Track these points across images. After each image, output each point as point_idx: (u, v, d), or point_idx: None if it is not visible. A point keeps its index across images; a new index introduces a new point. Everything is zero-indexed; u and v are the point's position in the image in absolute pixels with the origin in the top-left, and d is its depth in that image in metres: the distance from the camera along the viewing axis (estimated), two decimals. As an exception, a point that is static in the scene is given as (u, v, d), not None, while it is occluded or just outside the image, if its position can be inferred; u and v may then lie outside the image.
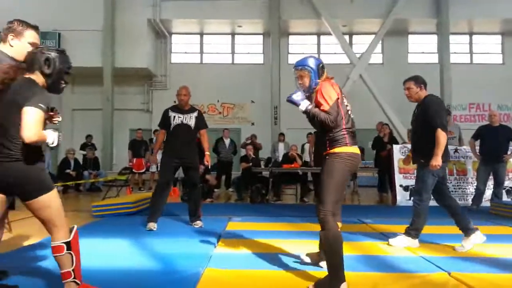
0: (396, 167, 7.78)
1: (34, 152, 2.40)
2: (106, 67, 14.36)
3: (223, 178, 10.84)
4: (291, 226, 5.28)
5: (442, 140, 4.04)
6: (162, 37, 16.08)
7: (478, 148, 7.30)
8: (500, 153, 6.92)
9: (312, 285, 2.84)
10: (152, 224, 4.99)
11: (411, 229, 4.23)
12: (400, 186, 7.70)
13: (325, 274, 3.10)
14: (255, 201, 8.03)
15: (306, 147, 10.52)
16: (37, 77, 2.49)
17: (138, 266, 3.34)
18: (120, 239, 4.34)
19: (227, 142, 10.89)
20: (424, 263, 3.52)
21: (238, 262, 3.47)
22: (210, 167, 7.27)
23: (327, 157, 3.01)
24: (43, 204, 2.39)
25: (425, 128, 4.13)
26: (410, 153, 4.48)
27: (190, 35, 16.60)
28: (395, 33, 15.61)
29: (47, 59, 2.50)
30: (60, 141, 2.52)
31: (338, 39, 14.97)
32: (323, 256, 3.21)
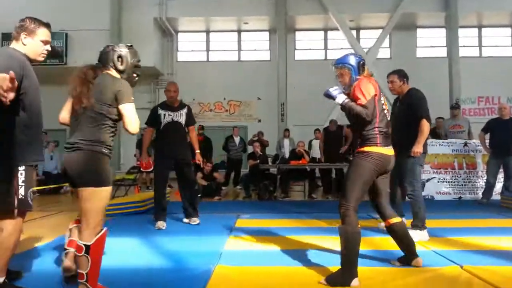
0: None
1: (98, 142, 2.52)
2: (113, 67, 14.40)
3: (232, 175, 10.86)
4: (299, 223, 5.28)
5: (426, 129, 4.24)
6: (168, 35, 16.08)
7: (488, 141, 7.26)
8: (510, 146, 6.83)
9: (324, 279, 2.86)
10: (161, 223, 5.00)
11: (417, 221, 4.29)
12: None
13: (333, 270, 3.10)
14: (263, 198, 8.03)
15: (314, 143, 10.47)
16: (112, 73, 2.68)
17: (148, 265, 3.35)
18: (130, 238, 4.36)
19: (237, 140, 10.88)
20: (435, 257, 3.50)
21: (248, 259, 3.47)
22: (202, 165, 7.06)
23: (356, 154, 3.04)
24: (87, 196, 2.46)
25: (413, 120, 4.26)
26: None
27: (196, 33, 16.58)
28: (403, 27, 15.45)
29: (119, 56, 2.68)
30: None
31: (346, 34, 14.86)
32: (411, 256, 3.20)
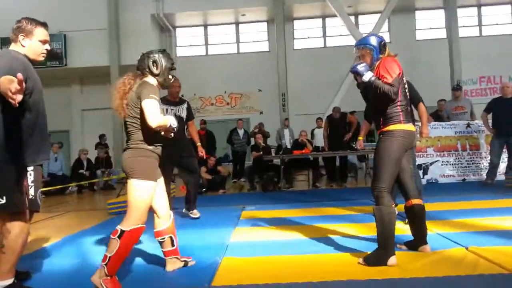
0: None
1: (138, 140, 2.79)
2: (113, 65, 14.36)
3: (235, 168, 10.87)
4: (305, 212, 5.29)
5: None
6: (167, 31, 16.03)
7: (490, 121, 7.19)
8: (513, 125, 6.79)
9: (362, 258, 2.91)
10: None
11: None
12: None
13: (339, 257, 3.12)
14: (267, 189, 8.05)
15: (316, 132, 10.45)
16: (149, 78, 2.86)
17: (156, 259, 3.38)
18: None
19: (241, 132, 10.87)
20: (441, 239, 3.51)
21: (254, 249, 3.49)
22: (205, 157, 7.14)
23: (381, 135, 3.05)
24: (128, 186, 2.72)
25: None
26: (361, 136, 4.86)
27: (194, 28, 16.53)
28: (402, 10, 15.29)
29: (154, 62, 2.87)
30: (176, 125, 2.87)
31: (344, 21, 14.70)
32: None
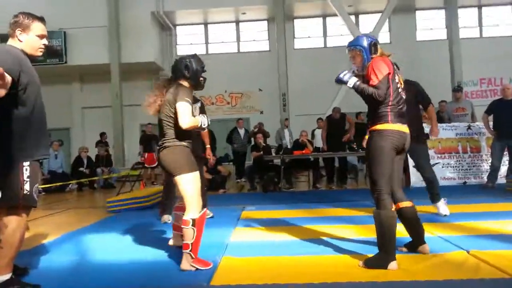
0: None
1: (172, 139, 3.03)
2: (113, 63, 14.34)
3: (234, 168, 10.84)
4: (305, 213, 5.27)
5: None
6: (167, 29, 16.00)
7: (491, 123, 7.16)
8: (515, 127, 6.76)
9: (361, 262, 2.88)
10: (166, 217, 5.02)
11: (438, 196, 4.72)
12: (414, 167, 7.57)
13: (340, 258, 3.10)
14: (268, 189, 8.03)
15: (317, 133, 10.42)
16: (182, 81, 3.12)
17: (155, 258, 3.37)
18: (136, 233, 4.37)
19: (242, 132, 10.80)
20: (442, 242, 3.49)
21: (254, 249, 3.48)
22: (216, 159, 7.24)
23: (370, 135, 3.03)
24: (177, 182, 3.00)
25: (415, 107, 4.67)
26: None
27: (195, 26, 16.50)
28: (402, 10, 15.27)
29: (185, 66, 3.11)
30: (209, 121, 3.17)
31: (344, 20, 14.68)
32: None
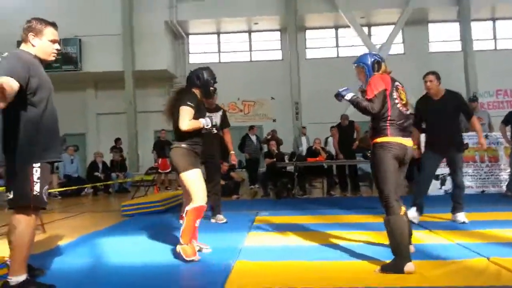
0: (424, 157, 7.56)
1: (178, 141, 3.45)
2: (127, 71, 14.53)
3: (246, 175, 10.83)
4: (319, 219, 5.23)
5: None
6: (180, 38, 16.18)
7: (509, 134, 7.12)
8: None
9: (378, 268, 2.91)
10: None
11: (463, 205, 4.78)
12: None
13: (355, 264, 3.12)
14: (281, 196, 8.00)
15: (330, 141, 10.40)
16: (194, 89, 3.53)
17: (169, 261, 3.37)
18: (150, 236, 4.38)
19: (254, 139, 10.80)
20: (461, 249, 3.43)
21: (267, 254, 3.46)
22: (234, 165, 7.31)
23: (372, 148, 3.18)
24: (182, 179, 3.37)
25: (456, 116, 4.78)
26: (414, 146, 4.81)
27: (207, 35, 16.67)
28: (415, 22, 15.27)
29: (198, 76, 3.52)
30: (215, 122, 3.48)
31: (357, 31, 14.74)
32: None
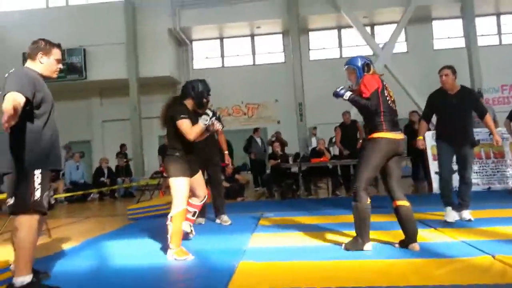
0: (429, 154, 7.53)
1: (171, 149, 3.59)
2: (131, 78, 14.64)
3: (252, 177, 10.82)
4: (324, 219, 5.20)
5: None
6: (183, 44, 16.27)
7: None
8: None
9: (343, 245, 3.40)
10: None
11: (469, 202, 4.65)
12: (436, 173, 7.40)
13: (359, 263, 3.11)
14: (286, 197, 8.00)
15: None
16: (188, 100, 3.64)
17: (173, 263, 3.38)
18: (155, 239, 4.38)
19: (259, 141, 10.82)
20: (466, 247, 3.39)
21: (272, 255, 3.45)
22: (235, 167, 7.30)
23: (367, 142, 3.44)
24: (170, 184, 3.52)
25: (470, 112, 4.67)
26: (420, 136, 4.97)
27: (210, 41, 16.74)
28: (418, 20, 15.19)
29: (192, 87, 3.63)
30: (212, 120, 3.54)
31: (360, 31, 14.70)
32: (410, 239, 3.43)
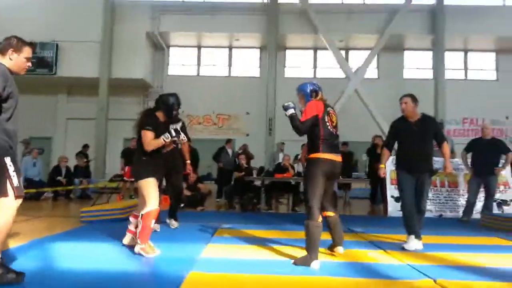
0: (388, 179, 7.73)
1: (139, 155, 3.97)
2: (102, 78, 14.39)
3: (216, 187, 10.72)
4: (281, 234, 5.22)
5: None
6: (160, 49, 16.19)
7: (470, 161, 7.31)
8: (491, 165, 6.92)
9: (293, 261, 3.54)
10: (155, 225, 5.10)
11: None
12: (392, 197, 7.63)
13: (312, 280, 3.14)
14: (246, 209, 7.99)
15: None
16: (159, 112, 4.05)
17: (121, 269, 3.32)
18: (106, 243, 4.29)
19: (230, 152, 10.70)
20: (410, 270, 3.49)
21: (224, 266, 3.43)
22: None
23: (306, 163, 3.79)
24: (140, 186, 3.86)
25: (430, 140, 4.70)
26: (382, 165, 4.84)
27: (188, 48, 16.73)
28: (391, 48, 15.79)
29: (164, 101, 4.05)
30: (173, 136, 3.83)
31: (334, 54, 15.10)
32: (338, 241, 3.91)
